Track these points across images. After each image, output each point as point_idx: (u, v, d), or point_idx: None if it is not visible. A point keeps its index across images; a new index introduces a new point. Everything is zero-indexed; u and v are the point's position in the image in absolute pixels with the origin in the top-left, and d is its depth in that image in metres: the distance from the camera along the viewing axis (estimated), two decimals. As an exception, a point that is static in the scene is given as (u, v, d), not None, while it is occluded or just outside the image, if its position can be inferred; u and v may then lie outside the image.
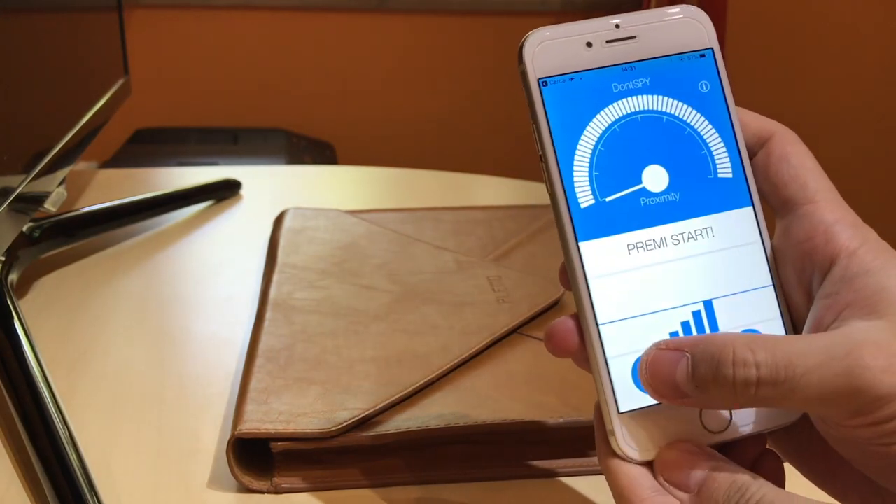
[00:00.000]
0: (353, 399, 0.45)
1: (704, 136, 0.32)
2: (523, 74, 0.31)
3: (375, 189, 0.88)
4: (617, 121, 0.31)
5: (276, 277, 0.59)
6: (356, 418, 0.43)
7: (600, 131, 0.31)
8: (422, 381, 0.47)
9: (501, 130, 2.01)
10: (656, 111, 0.32)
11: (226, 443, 0.43)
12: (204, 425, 0.48)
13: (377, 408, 0.44)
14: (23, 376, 0.48)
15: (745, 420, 0.32)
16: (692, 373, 0.29)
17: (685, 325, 0.31)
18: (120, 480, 0.44)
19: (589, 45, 0.31)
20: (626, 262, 0.31)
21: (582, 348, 0.32)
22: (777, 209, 0.33)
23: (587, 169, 0.31)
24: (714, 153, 0.32)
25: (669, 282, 0.32)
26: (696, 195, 0.32)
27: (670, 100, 0.32)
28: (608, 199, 0.31)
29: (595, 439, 0.33)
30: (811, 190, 0.32)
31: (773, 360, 0.28)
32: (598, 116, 0.31)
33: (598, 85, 0.31)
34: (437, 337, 0.51)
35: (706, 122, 0.32)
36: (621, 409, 0.31)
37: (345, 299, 0.56)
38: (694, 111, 0.32)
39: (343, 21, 1.88)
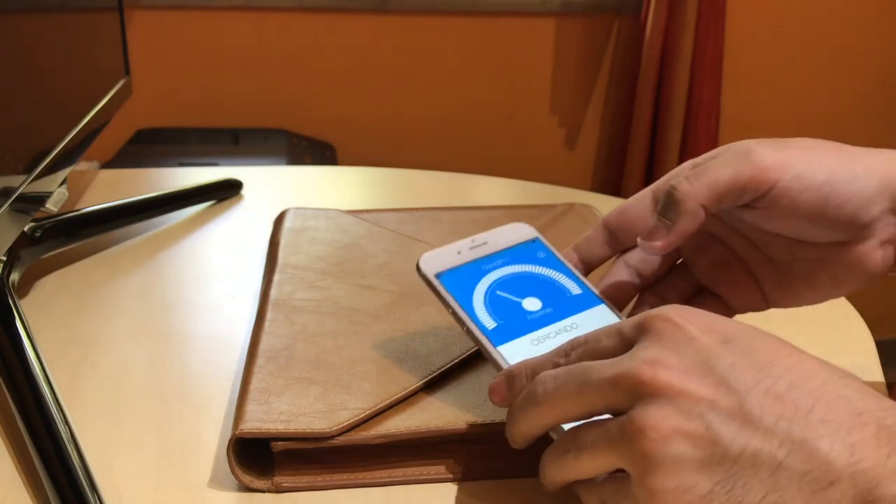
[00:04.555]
0: (354, 399, 0.45)
1: (553, 277, 0.48)
2: (424, 277, 0.46)
3: (375, 189, 0.89)
4: (493, 282, 0.47)
5: (276, 277, 0.59)
6: (356, 418, 0.43)
7: (486, 288, 0.47)
8: (422, 381, 0.47)
9: (501, 130, 2.01)
10: (517, 272, 0.48)
11: (226, 442, 0.43)
12: (205, 424, 0.48)
13: (377, 408, 0.45)
14: (24, 376, 0.48)
15: None
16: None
17: None
18: (121, 479, 0.44)
19: (459, 252, 0.48)
20: (532, 350, 0.44)
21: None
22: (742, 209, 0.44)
23: (484, 309, 0.45)
24: (563, 283, 0.48)
25: None
26: (561, 306, 0.47)
27: (522, 265, 0.48)
28: (503, 321, 0.45)
29: None
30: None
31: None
32: (480, 283, 0.47)
33: (473, 269, 0.48)
34: (437, 337, 0.52)
35: (550, 269, 0.48)
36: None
37: (345, 299, 0.56)
38: (540, 266, 0.49)
39: (343, 22, 1.88)
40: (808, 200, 0.42)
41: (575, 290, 0.47)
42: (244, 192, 0.82)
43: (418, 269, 0.47)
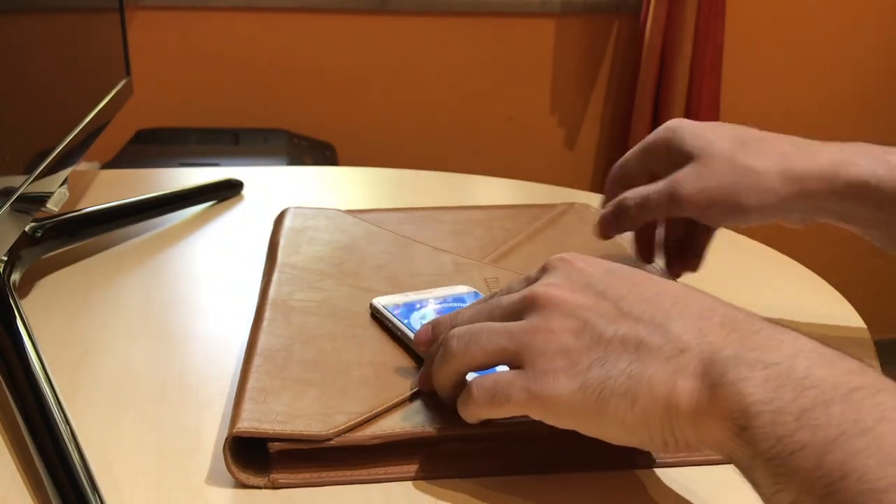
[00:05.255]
0: (351, 403, 0.45)
1: None
2: (374, 309, 0.55)
3: (375, 189, 0.89)
4: (431, 309, 0.54)
5: (275, 277, 0.59)
6: (352, 422, 0.44)
7: (423, 312, 0.54)
8: (415, 389, 0.47)
9: (501, 131, 2.01)
10: (452, 305, 0.55)
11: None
12: (204, 423, 0.48)
13: (374, 412, 0.45)
14: (25, 375, 0.48)
15: None
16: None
17: None
18: (121, 478, 0.44)
19: (406, 296, 0.56)
20: None
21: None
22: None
23: (419, 322, 0.52)
24: None
25: None
26: None
27: (458, 302, 0.55)
28: None
29: None
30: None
31: None
32: (420, 309, 0.54)
33: (416, 303, 0.55)
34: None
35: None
36: None
37: (343, 301, 0.57)
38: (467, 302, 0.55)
39: (344, 22, 1.89)
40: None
41: None
42: (244, 192, 0.83)
43: (371, 306, 0.55)
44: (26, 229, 0.62)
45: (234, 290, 0.64)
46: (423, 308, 0.55)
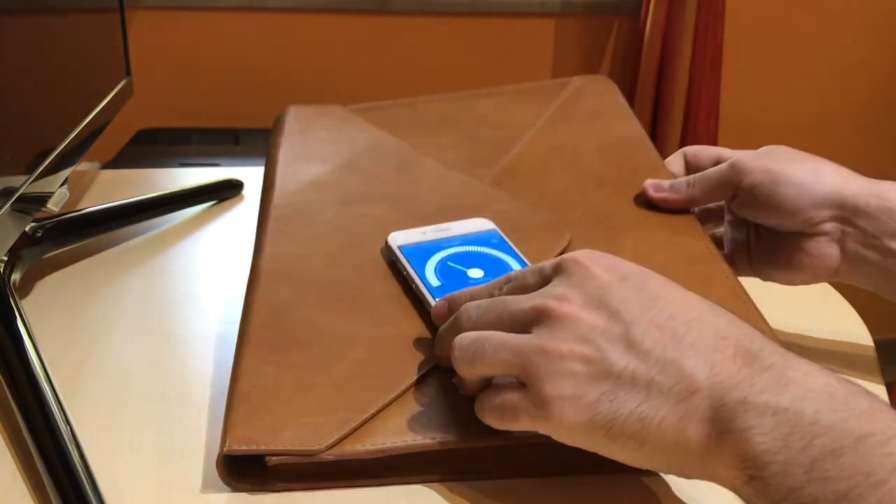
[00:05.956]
0: (345, 404, 0.44)
1: (499, 256, 0.54)
2: (389, 248, 0.55)
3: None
4: (446, 256, 0.53)
5: (270, 227, 0.58)
6: (346, 431, 0.43)
7: (438, 259, 0.53)
8: (411, 381, 0.46)
9: (502, 131, 2.01)
10: (468, 251, 0.54)
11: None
12: (205, 424, 0.48)
13: (367, 415, 0.44)
14: (25, 375, 0.48)
15: None
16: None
17: None
18: (122, 478, 0.44)
19: (423, 233, 0.55)
20: None
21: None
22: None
23: (433, 273, 0.52)
24: (506, 261, 0.53)
25: None
26: (500, 276, 0.48)
27: (475, 246, 0.54)
28: (447, 282, 0.51)
29: None
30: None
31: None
32: (434, 255, 0.53)
33: (431, 246, 0.54)
34: (427, 314, 0.50)
35: (499, 251, 0.54)
36: None
37: (342, 250, 0.55)
38: (491, 248, 0.54)
39: (344, 22, 1.88)
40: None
41: (515, 266, 0.53)
42: (245, 192, 0.82)
43: (386, 243, 0.55)
44: (26, 229, 0.62)
45: (234, 290, 0.64)
46: (441, 252, 0.54)
